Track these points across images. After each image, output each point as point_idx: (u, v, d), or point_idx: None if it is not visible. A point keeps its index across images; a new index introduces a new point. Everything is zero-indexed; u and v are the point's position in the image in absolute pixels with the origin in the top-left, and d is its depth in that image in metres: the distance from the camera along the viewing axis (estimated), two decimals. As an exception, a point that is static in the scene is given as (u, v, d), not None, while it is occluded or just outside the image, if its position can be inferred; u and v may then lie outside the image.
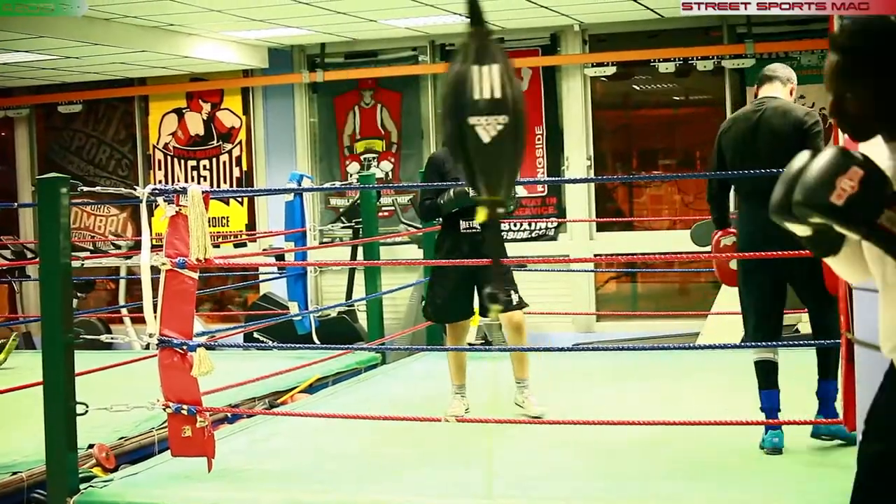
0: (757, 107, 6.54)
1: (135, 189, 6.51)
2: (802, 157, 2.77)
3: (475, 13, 3.05)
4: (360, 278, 12.18)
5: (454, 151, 3.02)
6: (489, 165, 2.96)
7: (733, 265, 6.68)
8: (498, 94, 2.94)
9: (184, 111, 15.40)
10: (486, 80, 2.95)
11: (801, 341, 8.80)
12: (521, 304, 7.74)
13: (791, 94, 6.63)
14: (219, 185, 15.02)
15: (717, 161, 6.65)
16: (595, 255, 13.29)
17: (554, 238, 13.86)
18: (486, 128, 2.92)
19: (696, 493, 5.83)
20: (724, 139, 6.60)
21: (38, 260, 6.29)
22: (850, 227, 2.67)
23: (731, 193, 6.92)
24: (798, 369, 8.07)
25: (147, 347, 6.46)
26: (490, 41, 3.02)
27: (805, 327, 11.22)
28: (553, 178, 13.98)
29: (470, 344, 10.29)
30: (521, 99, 2.96)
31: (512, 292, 7.62)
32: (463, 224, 7.61)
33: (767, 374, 6.60)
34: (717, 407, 6.96)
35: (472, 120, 2.93)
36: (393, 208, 14.07)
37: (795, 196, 2.66)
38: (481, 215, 3.08)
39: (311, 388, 9.27)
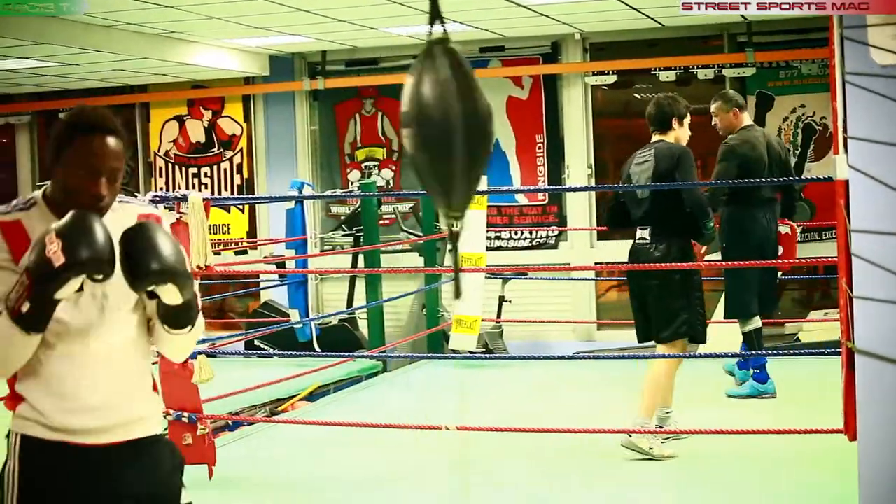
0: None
1: (136, 196, 6.52)
2: None
3: (433, 15, 3.02)
4: (360, 286, 12.18)
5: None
6: (421, 176, 2.96)
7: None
8: (407, 107, 2.92)
9: (185, 118, 15.41)
10: (407, 91, 2.94)
11: (801, 351, 8.80)
12: (672, 336, 6.94)
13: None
14: (220, 193, 15.02)
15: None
16: (596, 264, 13.30)
17: (555, 246, 13.86)
18: (407, 139, 2.93)
19: (699, 501, 5.83)
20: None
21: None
22: None
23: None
24: (798, 379, 8.10)
25: (148, 355, 6.45)
26: (430, 48, 2.99)
27: (805, 336, 11.25)
28: (553, 187, 13.98)
29: (471, 352, 10.29)
30: (449, 109, 2.89)
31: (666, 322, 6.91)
32: (637, 233, 7.07)
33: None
34: (718, 416, 6.97)
35: (403, 131, 2.95)
36: (394, 216, 14.08)
37: None
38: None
39: (312, 396, 9.29)
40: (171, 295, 3.11)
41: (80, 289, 3.03)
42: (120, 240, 3.04)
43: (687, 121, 7.24)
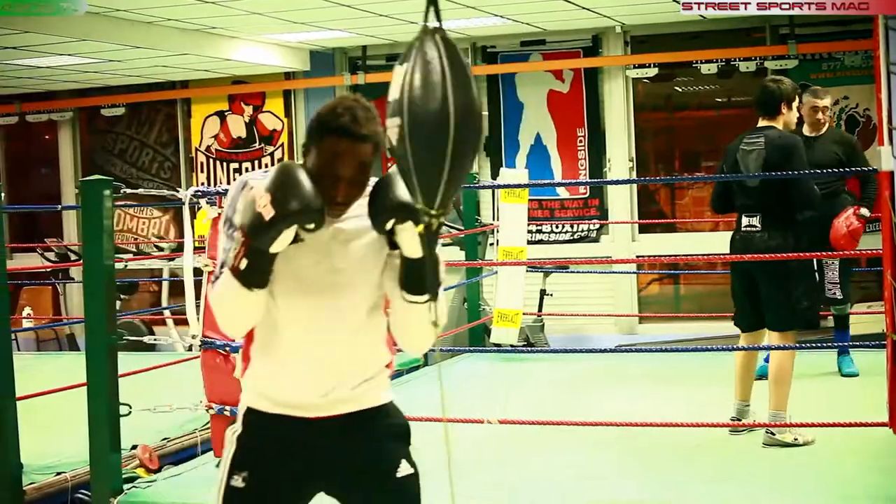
0: None
1: (177, 191, 6.54)
2: None
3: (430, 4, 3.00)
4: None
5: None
6: (403, 169, 2.95)
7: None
8: (395, 95, 2.90)
9: (226, 114, 15.45)
10: (394, 81, 2.92)
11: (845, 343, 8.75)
12: (790, 327, 6.83)
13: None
14: (261, 188, 15.03)
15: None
16: (637, 257, 13.25)
17: (596, 240, 13.82)
18: (391, 131, 2.91)
19: (739, 499, 5.80)
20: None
21: (81, 262, 6.31)
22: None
23: None
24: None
25: (190, 349, 6.49)
26: (422, 37, 2.96)
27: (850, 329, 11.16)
28: (595, 180, 13.94)
29: (512, 346, 10.28)
30: (443, 102, 2.84)
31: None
32: (744, 220, 6.89)
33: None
34: (762, 409, 6.93)
35: (388, 122, 2.92)
36: (435, 210, 14.05)
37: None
38: (419, 227, 3.03)
39: (353, 390, 9.28)
40: (410, 239, 3.17)
41: (295, 240, 3.16)
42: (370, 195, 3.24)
43: (796, 104, 6.92)
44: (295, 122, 15.04)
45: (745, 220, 6.83)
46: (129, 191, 6.60)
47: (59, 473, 6.70)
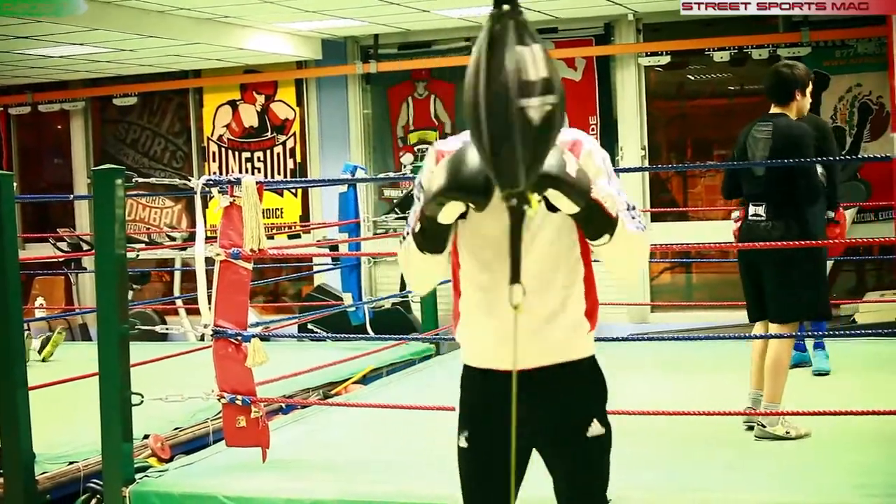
0: None
1: (189, 180, 6.53)
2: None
3: None
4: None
5: (499, 137, 2.95)
6: (537, 150, 2.94)
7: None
8: (545, 74, 2.89)
9: (238, 103, 15.45)
10: (536, 60, 2.90)
11: (857, 332, 8.73)
12: (791, 319, 6.83)
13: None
14: (273, 177, 15.04)
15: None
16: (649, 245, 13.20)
17: (608, 228, 13.77)
18: (537, 109, 2.89)
19: (750, 485, 5.79)
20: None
21: (93, 252, 6.32)
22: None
23: None
24: (855, 360, 8.03)
25: (202, 338, 6.50)
26: (524, 20, 2.96)
27: (862, 317, 11.14)
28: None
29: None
30: (475, 81, 2.94)
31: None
32: (750, 209, 6.84)
33: None
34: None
35: (523, 102, 2.88)
36: (446, 199, 14.04)
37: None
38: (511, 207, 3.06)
39: (365, 379, 9.29)
40: (563, 202, 3.21)
41: (464, 216, 3.33)
42: None
43: (809, 90, 6.82)
44: (307, 112, 15.02)
45: (751, 209, 6.79)
46: (141, 180, 6.58)
47: (71, 463, 6.72)
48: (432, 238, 3.38)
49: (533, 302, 3.33)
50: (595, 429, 3.56)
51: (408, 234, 3.46)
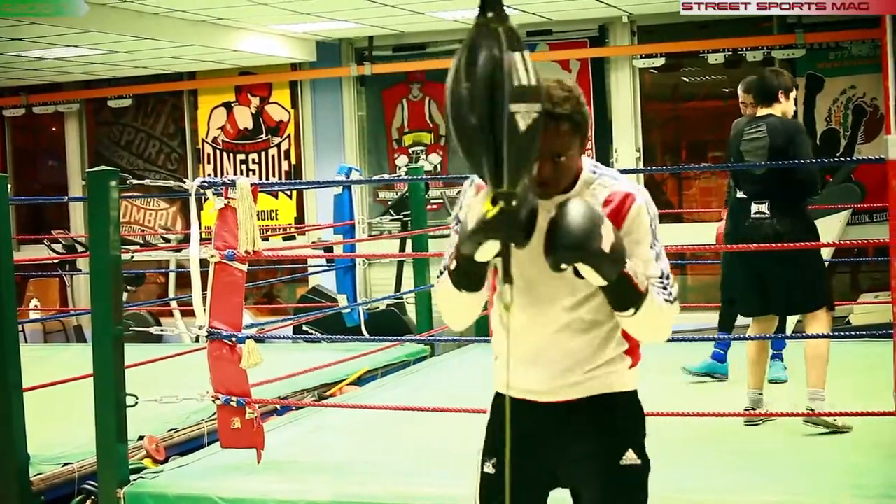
0: None
1: (184, 182, 6.53)
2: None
3: None
4: (408, 271, 12.17)
5: (477, 141, 2.93)
6: (520, 155, 2.92)
7: None
8: (535, 82, 2.89)
9: (232, 105, 15.45)
10: (525, 67, 2.90)
11: (852, 333, 8.73)
12: (819, 305, 6.87)
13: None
14: (267, 179, 15.05)
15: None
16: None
17: (603, 230, 13.78)
18: (524, 116, 2.88)
19: (748, 485, 5.79)
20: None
21: (88, 254, 6.31)
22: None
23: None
24: (849, 361, 8.03)
25: (196, 339, 6.50)
26: (513, 27, 2.96)
27: (856, 319, 11.15)
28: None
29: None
30: (454, 81, 2.93)
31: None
32: (753, 208, 6.87)
33: None
34: (766, 397, 6.93)
35: (513, 107, 2.87)
36: (441, 201, 14.06)
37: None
38: (495, 209, 3.01)
39: (360, 381, 9.28)
40: (590, 274, 3.15)
41: (501, 255, 3.04)
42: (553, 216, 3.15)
43: (793, 94, 6.96)
44: (302, 114, 15.03)
45: (753, 208, 6.81)
46: (135, 182, 6.58)
47: (65, 464, 6.70)
48: (468, 276, 3.23)
49: (578, 341, 3.36)
50: (630, 457, 3.51)
51: (443, 270, 3.34)
